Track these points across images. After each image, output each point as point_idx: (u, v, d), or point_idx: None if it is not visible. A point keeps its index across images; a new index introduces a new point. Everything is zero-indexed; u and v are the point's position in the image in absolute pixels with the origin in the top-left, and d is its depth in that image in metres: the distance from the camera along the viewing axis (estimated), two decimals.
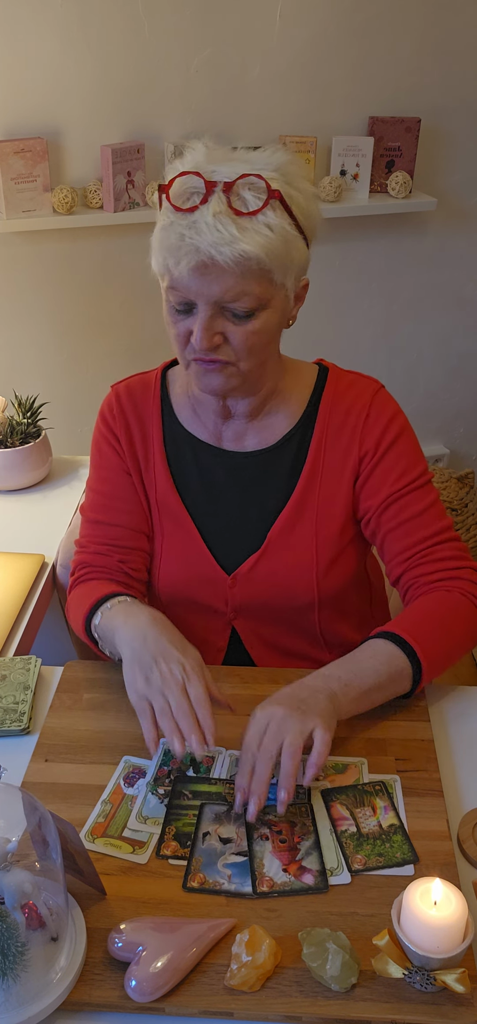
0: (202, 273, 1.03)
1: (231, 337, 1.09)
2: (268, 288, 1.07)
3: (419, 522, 1.20)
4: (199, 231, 1.01)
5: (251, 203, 1.03)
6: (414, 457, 1.22)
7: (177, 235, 1.03)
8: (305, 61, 2.44)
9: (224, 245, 1.01)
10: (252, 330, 1.08)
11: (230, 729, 1.11)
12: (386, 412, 1.22)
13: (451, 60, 2.55)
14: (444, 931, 0.79)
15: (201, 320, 1.06)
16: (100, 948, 0.84)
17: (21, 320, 2.50)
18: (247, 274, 1.04)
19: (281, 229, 1.05)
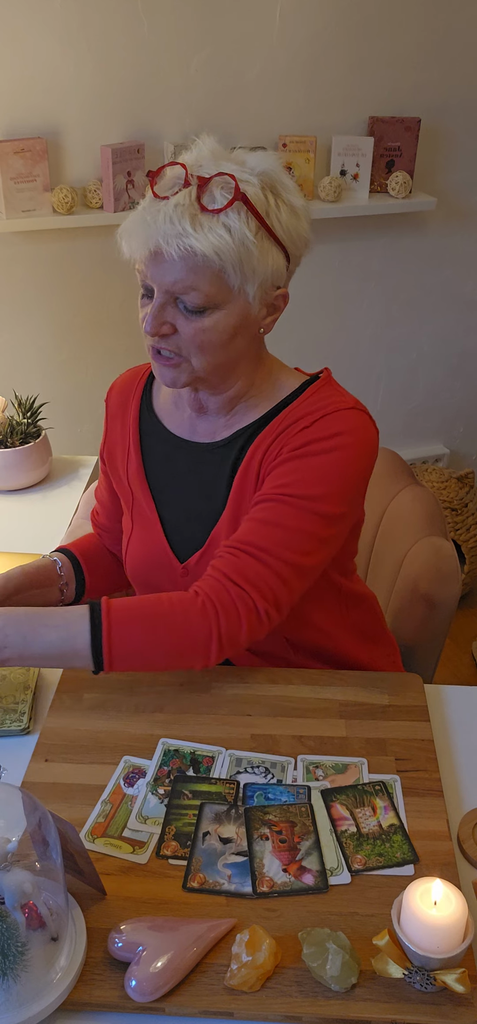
0: (156, 261, 1.06)
1: (181, 330, 1.10)
2: (221, 289, 1.07)
3: (261, 529, 1.10)
4: (156, 220, 1.04)
5: (218, 201, 1.04)
6: (316, 477, 1.11)
7: (140, 220, 1.06)
8: (305, 61, 2.44)
9: (172, 237, 1.03)
10: (201, 327, 1.09)
11: (230, 729, 1.11)
12: (331, 427, 1.12)
13: (451, 60, 2.55)
14: (444, 931, 0.79)
15: (153, 305, 1.09)
16: (100, 948, 0.84)
17: (21, 320, 2.50)
18: (195, 270, 1.05)
19: (240, 234, 1.04)
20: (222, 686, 1.18)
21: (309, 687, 1.18)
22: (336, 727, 1.12)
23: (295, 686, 1.19)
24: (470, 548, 2.83)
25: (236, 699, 1.16)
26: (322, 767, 1.06)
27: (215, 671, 1.21)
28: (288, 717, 1.13)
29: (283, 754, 1.07)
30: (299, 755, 1.07)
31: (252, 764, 1.06)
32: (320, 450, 1.12)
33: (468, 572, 2.84)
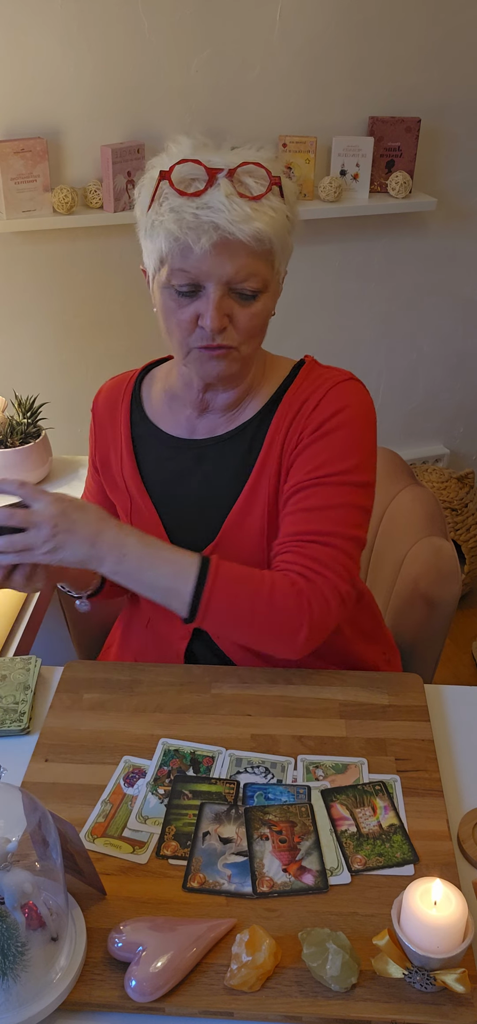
0: (218, 252, 1.05)
1: (236, 320, 1.10)
2: (270, 271, 1.10)
3: (313, 516, 1.13)
4: (215, 210, 1.03)
5: (254, 189, 1.06)
6: (343, 452, 1.15)
7: (191, 215, 1.04)
8: (305, 61, 2.44)
9: (242, 222, 1.03)
10: (254, 312, 1.10)
11: (230, 729, 1.11)
12: (337, 402, 1.17)
13: (451, 60, 2.55)
14: (444, 931, 0.79)
15: (213, 300, 1.07)
16: (100, 948, 0.84)
17: (21, 320, 2.50)
18: (256, 254, 1.07)
19: (282, 213, 1.08)
20: (222, 686, 1.18)
21: (309, 687, 1.18)
22: (336, 727, 1.12)
23: (295, 686, 1.19)
24: (470, 548, 2.83)
25: (236, 699, 1.16)
26: (322, 767, 1.06)
27: (215, 671, 1.21)
28: (288, 717, 1.13)
29: (283, 754, 1.07)
30: (299, 755, 1.07)
31: (252, 764, 1.06)
32: (336, 426, 1.16)
33: (468, 572, 2.84)
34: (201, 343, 1.12)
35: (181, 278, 1.09)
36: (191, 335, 1.12)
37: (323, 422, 1.16)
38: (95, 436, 1.34)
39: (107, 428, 1.32)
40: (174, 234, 1.06)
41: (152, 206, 1.10)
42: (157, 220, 1.08)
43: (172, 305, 1.12)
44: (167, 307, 1.13)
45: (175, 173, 1.07)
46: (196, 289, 1.09)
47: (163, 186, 1.08)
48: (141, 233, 1.15)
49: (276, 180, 1.07)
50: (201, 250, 1.05)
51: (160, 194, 1.08)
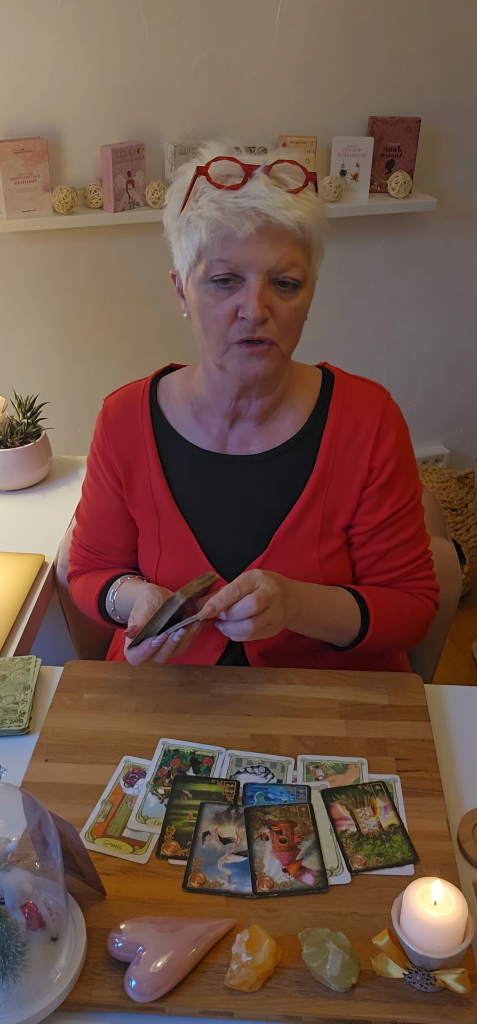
0: (261, 238, 1.05)
1: (276, 312, 1.09)
2: (308, 265, 1.10)
3: (407, 547, 1.25)
4: (257, 196, 1.04)
5: (291, 183, 1.07)
6: (412, 473, 1.25)
7: (232, 204, 1.04)
8: (305, 61, 2.44)
9: (284, 208, 1.04)
10: (295, 306, 1.10)
11: (230, 729, 1.11)
12: (394, 427, 1.22)
13: (451, 60, 2.55)
14: (444, 931, 0.79)
15: (255, 289, 1.06)
16: (100, 948, 0.84)
17: (21, 320, 2.50)
18: (296, 244, 1.07)
19: (320, 207, 1.09)
20: (222, 686, 1.18)
21: (309, 687, 1.18)
22: (336, 727, 1.12)
23: (295, 686, 1.19)
24: (470, 548, 2.83)
25: (236, 699, 1.16)
26: (322, 767, 1.06)
27: (215, 671, 1.21)
28: (288, 717, 1.13)
29: (283, 754, 1.07)
30: (299, 755, 1.07)
31: (252, 764, 1.06)
32: (400, 454, 1.22)
33: (468, 572, 2.84)
34: (241, 336, 1.09)
35: (221, 268, 1.07)
36: (229, 329, 1.09)
37: (391, 453, 1.21)
38: (114, 451, 1.27)
39: (127, 442, 1.26)
40: (217, 220, 1.05)
41: (187, 205, 1.09)
42: (194, 215, 1.07)
43: (209, 300, 1.09)
44: (204, 303, 1.10)
45: (213, 169, 1.07)
46: (236, 281, 1.07)
47: (199, 183, 1.08)
48: (173, 236, 1.13)
49: (312, 176, 1.08)
50: (245, 234, 1.04)
51: (196, 191, 1.08)
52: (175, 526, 1.25)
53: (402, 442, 1.23)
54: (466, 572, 2.83)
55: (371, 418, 1.21)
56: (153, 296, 2.58)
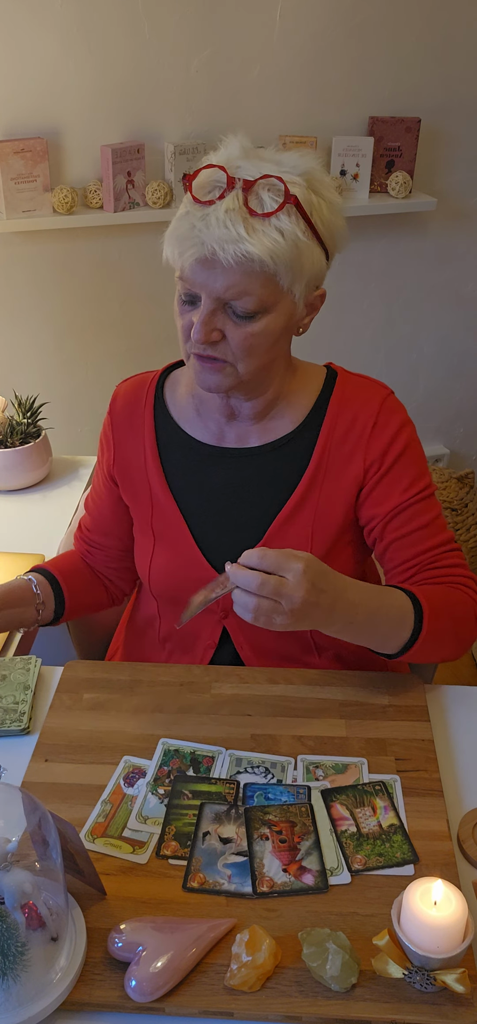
0: (206, 267, 1.04)
1: (230, 336, 1.08)
2: (273, 292, 1.07)
3: (425, 533, 1.20)
4: (208, 225, 1.02)
5: (267, 204, 1.04)
6: (421, 468, 1.22)
7: (188, 225, 1.04)
8: (305, 61, 2.44)
9: (228, 243, 1.01)
10: (251, 332, 1.08)
11: (230, 729, 1.11)
12: (394, 421, 1.20)
13: (451, 60, 2.55)
14: (444, 931, 0.79)
15: (201, 313, 1.07)
16: (100, 948, 0.84)
17: (21, 320, 2.50)
18: (250, 275, 1.04)
19: (293, 235, 1.04)
20: (222, 686, 1.18)
21: (309, 687, 1.18)
22: (336, 727, 1.12)
23: (295, 686, 1.19)
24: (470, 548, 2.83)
25: (236, 699, 1.16)
26: (322, 767, 1.06)
27: (215, 671, 1.21)
28: (288, 717, 1.13)
29: (283, 754, 1.07)
30: (299, 755, 1.07)
31: (252, 764, 1.06)
32: (402, 448, 1.20)
33: None
34: (195, 350, 1.11)
35: (181, 286, 1.10)
36: (188, 341, 1.12)
37: (388, 446, 1.19)
38: (112, 441, 1.30)
39: (126, 432, 1.29)
40: (172, 241, 1.07)
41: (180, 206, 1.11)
42: (171, 226, 1.08)
43: (178, 308, 1.12)
44: (175, 312, 1.13)
45: (200, 178, 1.06)
46: (194, 299, 1.09)
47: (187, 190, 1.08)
48: None
49: (292, 199, 1.04)
50: (186, 263, 1.05)
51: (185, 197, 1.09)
52: (169, 516, 1.25)
53: (405, 435, 1.21)
54: None
55: (367, 413, 1.20)
56: (153, 296, 2.58)
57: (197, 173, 1.07)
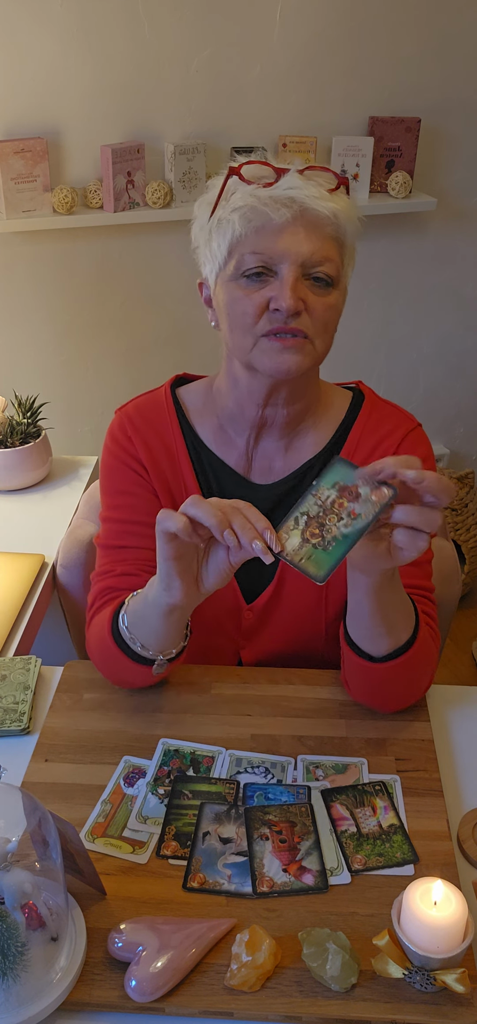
0: (296, 228, 1.03)
1: (311, 307, 1.06)
2: (342, 265, 1.09)
3: (415, 571, 1.14)
4: (293, 186, 1.03)
5: (324, 184, 1.06)
6: None
7: (267, 195, 1.03)
8: (305, 61, 2.44)
9: (320, 199, 1.03)
10: (329, 304, 1.07)
11: (230, 729, 1.11)
12: (417, 453, 1.16)
13: (451, 60, 2.55)
14: (444, 931, 0.79)
15: (288, 280, 1.03)
16: (100, 948, 0.84)
17: (21, 320, 2.50)
18: (330, 239, 1.05)
19: (353, 209, 1.08)
20: (222, 686, 1.18)
21: (309, 687, 1.18)
22: (336, 727, 1.12)
23: (295, 686, 1.19)
24: (470, 548, 2.83)
25: (236, 699, 1.16)
26: (322, 767, 1.06)
27: (216, 671, 1.21)
28: (288, 717, 1.13)
29: (283, 754, 1.07)
30: (299, 755, 1.07)
31: (252, 764, 1.06)
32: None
33: (468, 572, 2.84)
34: (271, 327, 1.05)
35: (253, 260, 1.04)
36: (259, 322, 1.05)
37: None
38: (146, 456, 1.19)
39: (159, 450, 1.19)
40: (253, 208, 1.04)
41: (218, 206, 1.08)
42: (225, 213, 1.06)
43: (239, 294, 1.06)
44: (233, 298, 1.07)
45: (245, 170, 1.07)
46: (268, 273, 1.05)
47: (231, 184, 1.07)
48: (202, 243, 1.12)
49: (344, 180, 1.07)
50: (281, 219, 1.02)
51: (228, 192, 1.07)
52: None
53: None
54: (466, 572, 2.83)
55: (390, 442, 1.18)
56: (153, 296, 2.58)
57: (241, 166, 1.07)
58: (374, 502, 0.86)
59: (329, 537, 0.87)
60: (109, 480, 1.23)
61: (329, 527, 0.87)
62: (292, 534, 0.88)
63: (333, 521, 0.87)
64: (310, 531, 0.88)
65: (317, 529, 0.87)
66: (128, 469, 1.21)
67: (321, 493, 0.88)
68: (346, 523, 0.87)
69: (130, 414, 1.23)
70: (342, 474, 0.89)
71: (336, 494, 0.88)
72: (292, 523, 0.88)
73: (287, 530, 0.88)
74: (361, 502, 0.87)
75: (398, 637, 1.06)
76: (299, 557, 0.87)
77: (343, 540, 0.86)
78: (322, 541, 0.87)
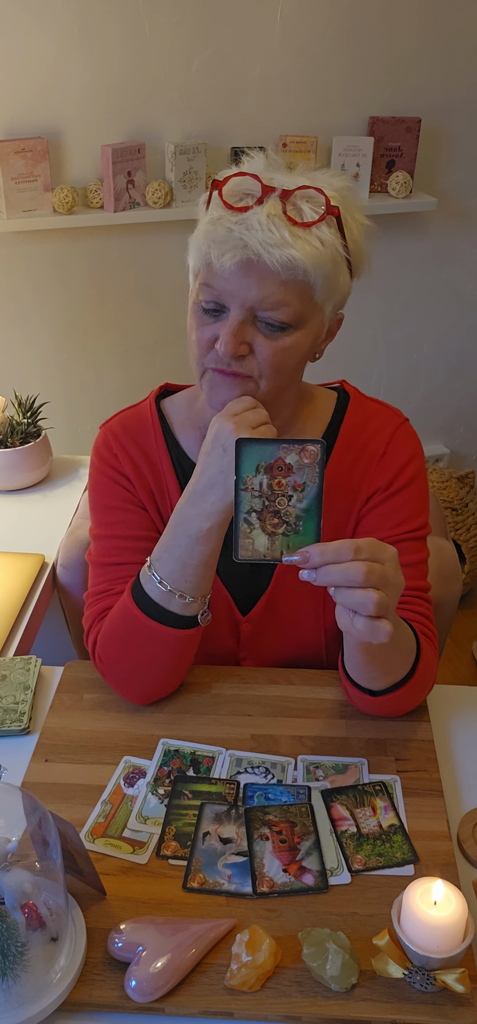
0: (245, 272, 0.98)
1: (258, 350, 1.03)
2: (307, 305, 1.03)
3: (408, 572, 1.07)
4: (250, 227, 0.97)
5: (307, 215, 1.00)
6: (419, 506, 1.17)
7: (225, 229, 0.98)
8: (305, 61, 2.44)
9: (274, 246, 0.96)
10: (282, 346, 1.03)
11: (230, 729, 1.11)
12: (404, 452, 1.17)
13: (451, 60, 2.55)
14: (444, 931, 0.79)
15: (231, 323, 1.01)
16: (100, 948, 0.84)
17: (21, 320, 2.50)
18: (290, 284, 0.99)
19: (333, 248, 1.01)
20: (222, 686, 1.18)
21: (309, 687, 1.18)
22: (336, 727, 1.12)
23: (295, 686, 1.19)
24: (470, 548, 2.83)
25: (236, 699, 1.16)
26: (322, 767, 1.06)
27: (216, 671, 1.21)
28: (288, 717, 1.13)
29: (283, 754, 1.07)
30: (299, 755, 1.07)
31: (252, 764, 1.06)
32: (407, 480, 1.17)
33: (468, 572, 2.84)
34: (215, 364, 1.05)
35: (207, 294, 1.03)
36: (207, 355, 1.05)
37: (395, 475, 1.16)
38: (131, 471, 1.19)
39: (144, 466, 1.19)
40: (203, 246, 1.01)
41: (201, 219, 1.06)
42: (201, 224, 1.04)
43: (195, 322, 1.06)
44: (190, 324, 1.07)
45: (229, 185, 1.02)
46: (220, 309, 1.03)
47: (215, 196, 1.03)
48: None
49: (334, 210, 1.00)
50: (222, 267, 0.99)
51: (212, 204, 1.04)
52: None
53: (414, 467, 1.17)
54: (466, 572, 2.83)
55: (378, 440, 1.17)
56: (153, 296, 2.58)
57: (227, 179, 1.02)
58: (309, 463, 0.86)
59: (292, 520, 0.87)
60: (98, 495, 1.22)
61: (286, 510, 0.86)
62: (254, 536, 0.87)
63: (284, 504, 0.86)
64: (270, 524, 0.87)
65: (275, 518, 0.87)
66: (115, 485, 1.20)
67: (251, 483, 0.87)
68: (298, 498, 0.86)
69: (115, 430, 1.21)
70: (257, 455, 0.87)
71: (267, 477, 0.87)
72: (245, 527, 0.87)
73: (245, 535, 0.87)
74: (297, 470, 0.86)
75: (396, 675, 1.06)
76: (278, 552, 0.86)
77: (308, 514, 0.86)
78: (288, 527, 0.87)
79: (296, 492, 0.86)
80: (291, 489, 0.86)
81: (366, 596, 0.85)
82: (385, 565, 0.88)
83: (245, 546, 0.87)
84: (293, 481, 0.86)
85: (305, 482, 0.86)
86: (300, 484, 0.86)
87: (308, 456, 0.85)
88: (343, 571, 0.85)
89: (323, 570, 0.86)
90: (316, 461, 0.85)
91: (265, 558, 0.87)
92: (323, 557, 0.86)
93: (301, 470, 0.85)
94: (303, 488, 0.86)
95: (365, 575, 0.85)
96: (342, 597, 0.87)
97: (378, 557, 0.88)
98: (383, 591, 0.86)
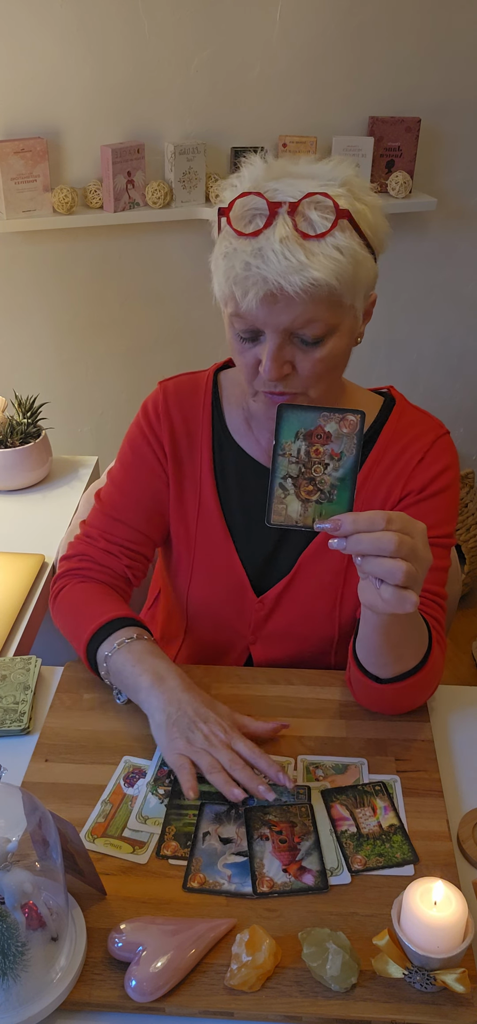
0: (270, 304, 0.99)
1: (299, 365, 1.05)
2: (337, 312, 1.04)
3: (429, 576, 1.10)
4: (266, 259, 0.97)
5: (318, 225, 0.99)
6: (448, 515, 1.19)
7: (242, 264, 0.98)
8: (305, 61, 2.44)
9: (293, 274, 0.96)
10: (320, 357, 1.05)
11: None
12: (441, 461, 1.19)
13: (451, 60, 2.55)
14: (444, 931, 0.79)
15: (270, 350, 1.02)
16: (100, 948, 0.84)
17: (21, 320, 2.50)
18: (316, 301, 1.00)
19: (351, 251, 1.00)
20: (222, 686, 1.18)
21: (309, 687, 1.18)
22: (336, 727, 1.12)
23: (295, 686, 1.19)
24: (470, 548, 2.83)
25: (236, 699, 1.16)
26: (322, 767, 1.06)
27: (216, 671, 1.21)
28: (288, 717, 1.13)
29: (283, 754, 1.07)
30: (299, 755, 1.07)
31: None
32: (440, 488, 1.18)
33: (468, 572, 2.84)
34: (265, 388, 1.07)
35: (240, 324, 1.04)
36: (255, 378, 1.07)
37: (430, 480, 1.17)
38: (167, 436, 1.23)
39: (181, 433, 1.23)
40: (225, 286, 1.02)
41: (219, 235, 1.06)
42: (218, 256, 1.04)
43: (237, 346, 1.08)
44: (233, 347, 1.09)
45: (235, 209, 1.01)
46: (256, 335, 1.04)
47: (224, 223, 1.03)
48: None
49: (344, 213, 0.99)
50: (248, 305, 1.00)
51: (222, 233, 1.04)
52: (217, 528, 1.23)
53: (448, 477, 1.18)
54: (466, 572, 2.83)
55: (417, 446, 1.19)
56: (153, 296, 2.58)
57: (232, 204, 1.01)
58: (348, 433, 0.87)
59: (327, 488, 0.88)
60: (128, 446, 1.27)
61: (321, 478, 0.88)
62: (288, 501, 0.88)
63: (320, 472, 0.88)
64: (304, 490, 0.88)
65: (310, 485, 0.88)
66: (148, 447, 1.24)
67: (289, 449, 0.88)
68: (334, 466, 0.87)
69: (167, 392, 1.25)
70: (298, 421, 0.88)
71: (305, 444, 0.88)
72: (280, 492, 0.88)
73: (279, 500, 0.88)
74: (335, 439, 0.87)
75: (406, 664, 1.07)
76: (311, 519, 0.87)
77: (342, 484, 0.87)
78: (323, 495, 0.88)
79: (333, 461, 0.87)
80: (328, 457, 0.87)
81: (395, 565, 0.86)
82: (415, 539, 0.88)
83: (278, 511, 0.88)
84: (330, 450, 0.87)
85: (343, 451, 0.87)
86: (337, 453, 0.87)
87: (347, 426, 0.87)
88: (374, 539, 0.86)
89: (354, 538, 0.86)
90: (355, 432, 0.87)
91: (297, 524, 0.87)
92: (355, 525, 0.86)
93: (340, 439, 0.87)
94: (340, 457, 0.87)
95: (397, 545, 0.85)
96: (371, 566, 0.87)
97: (409, 530, 0.88)
98: (412, 563, 0.87)
